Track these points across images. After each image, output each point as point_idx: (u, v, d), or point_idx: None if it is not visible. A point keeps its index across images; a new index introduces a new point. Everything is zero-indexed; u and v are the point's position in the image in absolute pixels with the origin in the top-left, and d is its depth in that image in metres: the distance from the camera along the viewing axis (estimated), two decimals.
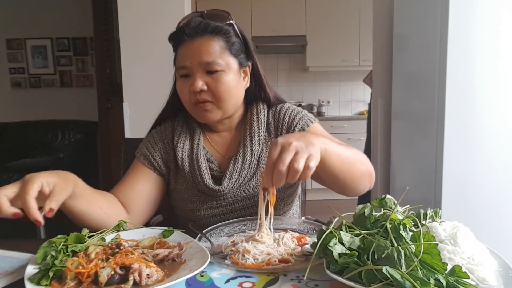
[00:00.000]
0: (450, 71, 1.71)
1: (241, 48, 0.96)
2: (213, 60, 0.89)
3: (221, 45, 0.91)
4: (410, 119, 2.16)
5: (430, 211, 0.68)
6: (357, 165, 0.80)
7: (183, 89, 0.93)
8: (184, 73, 0.92)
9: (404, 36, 2.22)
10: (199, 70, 0.90)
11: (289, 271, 0.64)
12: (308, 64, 4.50)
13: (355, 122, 4.28)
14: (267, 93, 1.03)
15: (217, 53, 0.90)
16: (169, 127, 1.05)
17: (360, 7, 4.38)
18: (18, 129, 4.02)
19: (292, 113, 1.02)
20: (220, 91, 0.91)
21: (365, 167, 0.82)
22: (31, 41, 4.45)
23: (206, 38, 0.90)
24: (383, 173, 2.47)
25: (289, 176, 0.64)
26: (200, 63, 0.89)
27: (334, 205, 0.73)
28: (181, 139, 1.00)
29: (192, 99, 0.92)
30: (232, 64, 0.93)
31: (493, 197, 1.75)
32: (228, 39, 0.93)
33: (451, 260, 0.56)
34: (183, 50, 0.92)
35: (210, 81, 0.90)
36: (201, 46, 0.89)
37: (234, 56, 0.94)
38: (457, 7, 1.68)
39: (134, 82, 2.35)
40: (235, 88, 0.94)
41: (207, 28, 0.90)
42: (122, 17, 2.31)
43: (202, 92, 0.90)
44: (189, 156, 0.98)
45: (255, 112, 1.01)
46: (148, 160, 0.99)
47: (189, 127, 1.02)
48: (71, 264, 0.58)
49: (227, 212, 0.97)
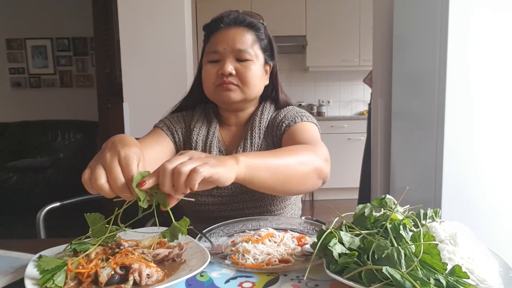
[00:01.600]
0: (450, 71, 1.71)
1: (268, 47, 1.04)
2: (245, 49, 0.96)
3: (253, 38, 0.99)
4: (410, 119, 2.16)
5: (430, 211, 0.68)
6: (297, 168, 0.77)
7: (210, 72, 0.97)
8: (215, 58, 0.97)
9: (404, 36, 2.22)
10: (230, 57, 0.96)
11: (289, 271, 0.64)
12: (308, 64, 4.50)
13: (355, 122, 4.28)
14: (278, 94, 1.09)
15: (249, 44, 0.97)
16: (189, 113, 1.10)
17: (360, 7, 4.38)
18: (18, 129, 4.02)
19: (287, 112, 1.04)
20: (247, 77, 0.96)
21: (308, 166, 0.79)
22: (31, 41, 4.45)
23: (242, 29, 0.98)
24: (383, 173, 2.47)
25: (174, 178, 0.58)
26: (233, 49, 0.96)
27: (334, 205, 0.73)
28: (198, 124, 1.05)
29: (217, 81, 0.97)
30: (260, 57, 1.00)
31: (493, 197, 1.75)
32: (259, 35, 1.01)
33: (451, 260, 0.56)
34: (218, 36, 0.98)
35: (239, 67, 0.96)
36: (236, 34, 0.97)
37: (262, 51, 1.01)
38: (457, 7, 1.68)
39: (134, 82, 2.35)
40: (259, 79, 1.00)
41: (244, 21, 0.99)
42: (122, 17, 2.31)
43: (230, 76, 0.95)
44: (203, 141, 1.03)
45: (260, 109, 1.06)
46: (171, 132, 1.03)
47: (206, 117, 1.08)
48: (71, 264, 0.58)
49: (226, 202, 0.99)
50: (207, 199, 0.99)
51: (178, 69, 2.37)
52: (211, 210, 1.00)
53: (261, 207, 1.00)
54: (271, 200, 1.00)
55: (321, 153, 0.84)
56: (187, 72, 2.39)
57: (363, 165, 2.77)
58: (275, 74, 1.08)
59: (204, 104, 1.10)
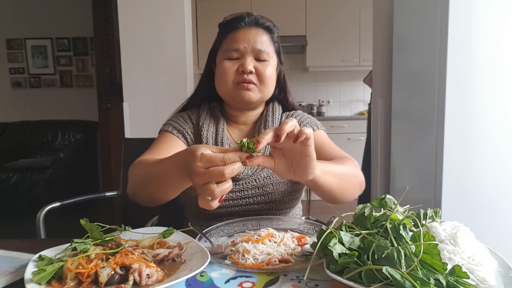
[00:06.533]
0: (450, 71, 1.71)
1: (279, 51, 1.07)
2: (265, 49, 1.00)
3: (269, 40, 1.03)
4: (410, 119, 2.16)
5: (430, 211, 0.68)
6: (352, 180, 0.86)
7: (230, 69, 0.99)
8: (234, 56, 0.99)
9: (404, 36, 2.22)
10: (250, 55, 0.99)
11: (289, 271, 0.64)
12: (308, 64, 4.50)
13: (355, 122, 4.28)
14: (287, 96, 1.12)
15: (267, 45, 1.01)
16: (195, 112, 1.10)
17: (360, 7, 4.38)
18: (18, 129, 4.02)
19: (301, 117, 1.09)
20: (265, 76, 0.99)
21: (357, 179, 0.88)
22: (31, 41, 4.45)
23: (261, 30, 1.02)
24: (383, 173, 2.47)
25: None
26: (254, 49, 0.99)
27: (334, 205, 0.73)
28: (206, 121, 1.05)
29: (237, 78, 0.98)
30: (274, 58, 1.04)
31: (493, 197, 1.75)
32: (274, 38, 1.05)
33: (451, 260, 0.56)
34: (239, 35, 1.00)
35: (258, 65, 0.99)
36: (256, 35, 1.00)
37: (276, 54, 1.05)
38: (457, 7, 1.68)
39: (134, 82, 2.35)
40: (273, 79, 1.04)
41: (264, 23, 1.04)
42: (122, 17, 2.31)
43: (250, 74, 0.98)
44: (213, 138, 1.03)
45: (271, 110, 1.08)
46: (182, 133, 1.03)
47: (213, 115, 1.07)
48: (71, 264, 0.58)
49: (236, 198, 0.99)
50: None
51: (178, 69, 2.37)
52: (219, 206, 0.99)
53: (271, 203, 1.00)
54: (282, 196, 1.00)
55: (358, 166, 0.92)
56: (187, 72, 2.39)
57: (363, 165, 2.77)
58: (283, 77, 1.11)
59: (209, 103, 1.10)
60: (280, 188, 0.99)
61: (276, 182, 0.99)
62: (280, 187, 0.99)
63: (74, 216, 1.01)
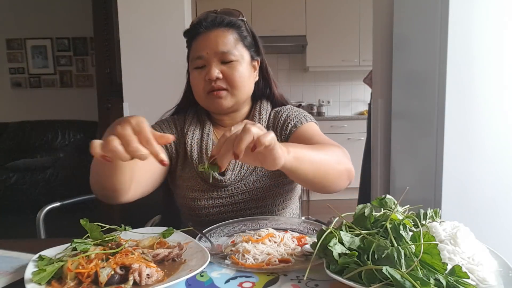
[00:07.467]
0: (450, 71, 1.71)
1: (252, 43, 1.02)
2: (229, 50, 0.95)
3: (235, 37, 0.97)
4: (410, 119, 2.16)
5: (430, 211, 0.68)
6: (334, 166, 0.79)
7: (198, 79, 0.97)
8: (200, 64, 0.96)
9: (404, 36, 2.22)
10: (214, 60, 0.94)
11: (289, 271, 0.64)
12: (308, 64, 4.50)
13: (355, 122, 4.28)
14: (273, 89, 1.07)
15: (232, 44, 0.96)
16: (181, 117, 1.09)
17: (360, 7, 4.38)
18: (18, 129, 4.02)
19: (290, 112, 1.03)
20: (235, 79, 0.95)
21: (343, 166, 0.81)
22: (31, 41, 4.45)
23: (222, 30, 0.96)
24: (383, 173, 2.47)
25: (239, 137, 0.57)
26: (216, 52, 0.94)
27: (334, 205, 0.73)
28: (192, 127, 1.04)
29: (206, 87, 0.96)
30: (245, 55, 0.98)
31: (493, 197, 1.74)
32: (241, 33, 0.99)
33: (451, 260, 0.56)
34: (200, 42, 0.97)
35: (225, 69, 0.95)
36: (217, 37, 0.95)
37: (247, 49, 1.00)
38: (457, 7, 1.68)
39: (134, 82, 2.35)
40: (247, 78, 0.99)
41: (223, 21, 0.97)
42: (122, 17, 2.31)
43: (218, 80, 0.94)
44: (198, 144, 1.01)
45: (258, 109, 1.04)
46: None
47: (199, 119, 1.06)
48: (71, 264, 0.58)
49: (226, 204, 0.98)
50: (207, 202, 0.97)
51: (178, 69, 2.35)
52: (211, 213, 0.98)
53: (262, 207, 0.99)
54: (273, 199, 0.99)
55: (348, 155, 0.86)
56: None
57: (363, 165, 2.77)
58: (265, 69, 1.06)
59: (196, 106, 1.08)
60: (270, 192, 0.98)
61: (266, 186, 0.98)
62: (270, 190, 0.98)
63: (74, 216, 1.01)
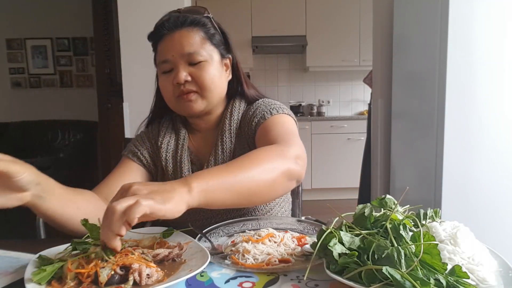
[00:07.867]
0: (450, 71, 1.71)
1: (221, 40, 0.96)
2: (195, 50, 0.89)
3: (201, 36, 0.91)
4: (410, 119, 2.16)
5: (430, 211, 0.68)
6: (261, 178, 0.69)
7: (166, 84, 0.92)
8: (167, 68, 0.91)
9: (404, 36, 2.22)
10: (181, 63, 0.89)
11: (289, 271, 0.64)
12: (308, 64, 4.50)
13: (355, 122, 4.28)
14: (244, 88, 1.01)
15: (198, 44, 0.90)
16: (155, 128, 1.05)
17: (360, 7, 4.38)
18: (18, 129, 4.02)
19: (256, 108, 0.96)
20: (204, 80, 0.90)
21: (274, 172, 0.71)
22: (31, 41, 4.45)
23: (186, 30, 0.90)
24: (383, 173, 2.47)
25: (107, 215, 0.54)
26: (182, 54, 0.89)
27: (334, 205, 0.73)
28: (166, 139, 1.00)
29: (175, 92, 0.91)
30: (214, 54, 0.93)
31: (493, 197, 1.75)
32: (207, 30, 0.93)
33: (451, 260, 0.56)
34: (164, 45, 0.91)
35: (193, 71, 0.90)
36: (181, 37, 0.89)
37: (215, 47, 0.94)
38: (457, 7, 1.68)
39: (134, 82, 2.35)
40: (218, 78, 0.93)
41: (186, 20, 0.91)
42: (122, 17, 2.31)
43: (186, 83, 0.90)
44: (173, 157, 0.98)
45: (229, 110, 0.99)
46: (137, 156, 0.99)
47: (174, 128, 1.02)
48: (71, 264, 0.58)
49: (209, 217, 0.95)
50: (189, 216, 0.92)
51: None
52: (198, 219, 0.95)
53: (246, 209, 0.96)
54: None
55: (290, 152, 0.75)
56: None
57: (363, 165, 2.77)
58: (236, 66, 1.00)
59: (171, 113, 1.04)
60: None
61: None
62: None
63: None
